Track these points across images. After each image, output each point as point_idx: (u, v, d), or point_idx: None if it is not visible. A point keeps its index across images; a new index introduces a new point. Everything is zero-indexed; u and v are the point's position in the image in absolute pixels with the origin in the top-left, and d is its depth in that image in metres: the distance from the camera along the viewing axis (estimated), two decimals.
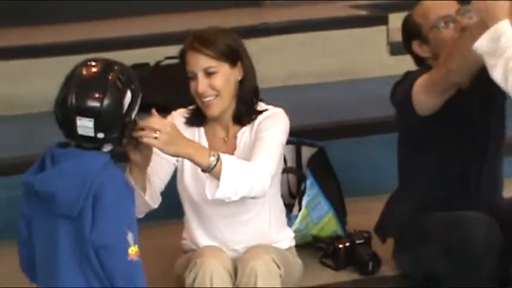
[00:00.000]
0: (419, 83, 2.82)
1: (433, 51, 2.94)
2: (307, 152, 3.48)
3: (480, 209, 2.87)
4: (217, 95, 2.74)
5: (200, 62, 2.73)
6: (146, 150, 2.55)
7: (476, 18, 2.73)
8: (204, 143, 2.86)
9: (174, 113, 2.91)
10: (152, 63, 4.65)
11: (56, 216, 2.29)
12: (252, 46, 4.95)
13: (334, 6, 5.43)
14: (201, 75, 2.73)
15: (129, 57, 4.61)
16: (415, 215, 2.98)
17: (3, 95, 4.58)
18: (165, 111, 4.16)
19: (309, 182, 3.34)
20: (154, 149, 2.59)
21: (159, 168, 2.80)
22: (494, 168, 3.00)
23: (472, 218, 2.80)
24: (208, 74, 2.73)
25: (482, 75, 2.62)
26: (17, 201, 2.46)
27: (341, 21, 5.00)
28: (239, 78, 2.79)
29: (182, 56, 2.79)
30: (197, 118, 2.85)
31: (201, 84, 2.72)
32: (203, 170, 2.57)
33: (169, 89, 4.43)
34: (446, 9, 2.92)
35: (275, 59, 4.84)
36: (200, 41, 2.74)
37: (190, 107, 2.89)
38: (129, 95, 2.34)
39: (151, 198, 2.68)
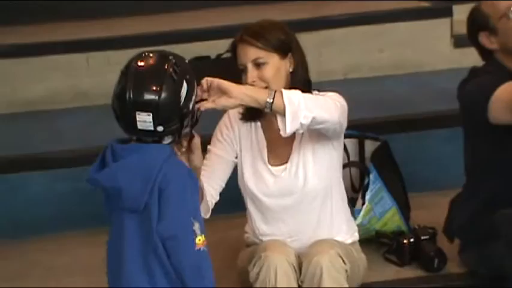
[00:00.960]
0: (502, 96, 2.71)
1: (502, 42, 2.88)
2: (370, 146, 3.44)
3: None
4: (266, 86, 2.72)
5: (249, 53, 2.72)
6: (196, 149, 2.54)
7: None
8: (261, 137, 2.85)
9: (230, 111, 2.89)
10: (213, 56, 4.65)
11: (123, 210, 2.29)
12: (313, 39, 4.98)
13: None
14: (250, 67, 2.72)
15: (190, 50, 4.65)
16: (483, 212, 2.92)
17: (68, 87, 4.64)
18: None
19: (372, 176, 3.30)
20: (212, 152, 2.65)
21: (218, 171, 2.82)
22: None
23: None
24: (258, 65, 2.72)
25: None
26: (83, 192, 2.47)
27: (404, 13, 4.93)
28: (290, 70, 2.77)
29: (233, 50, 2.78)
30: (252, 113, 2.83)
31: (251, 76, 2.71)
32: (267, 108, 2.53)
33: (231, 81, 4.43)
34: None
35: (336, 52, 4.80)
36: (249, 33, 2.74)
37: None
38: (185, 85, 2.33)
39: (203, 208, 2.68)
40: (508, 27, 2.84)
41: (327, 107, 2.62)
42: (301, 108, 2.52)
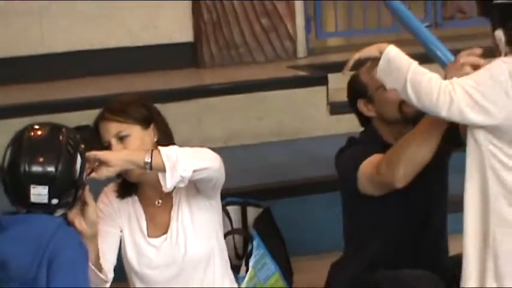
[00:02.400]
0: (365, 171, 2.83)
1: (378, 111, 2.98)
2: (252, 213, 3.47)
3: (427, 268, 2.89)
4: None
5: (111, 129, 2.72)
6: (89, 200, 2.50)
7: None
8: (139, 209, 2.84)
9: (105, 189, 2.87)
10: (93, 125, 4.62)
11: (12, 280, 2.23)
12: (193, 107, 5.03)
13: (274, 67, 5.50)
14: (114, 142, 2.71)
15: (69, 120, 4.60)
16: (363, 275, 2.99)
17: None
18: None
19: (256, 242, 3.33)
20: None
21: (106, 246, 2.77)
22: (438, 228, 3.03)
23: (417, 276, 2.82)
24: (121, 138, 2.71)
25: None
26: None
27: (282, 81, 5.06)
28: (155, 140, 2.77)
29: (97, 130, 2.78)
30: (127, 188, 2.82)
31: (115, 150, 2.69)
32: (147, 167, 2.54)
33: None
34: None
35: (215, 120, 4.86)
36: (109, 110, 2.75)
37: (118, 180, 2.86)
38: (79, 157, 2.32)
39: (105, 276, 2.65)
40: (384, 97, 2.93)
41: (206, 156, 2.65)
42: (179, 162, 2.53)
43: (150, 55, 5.50)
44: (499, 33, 2.55)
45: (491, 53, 2.64)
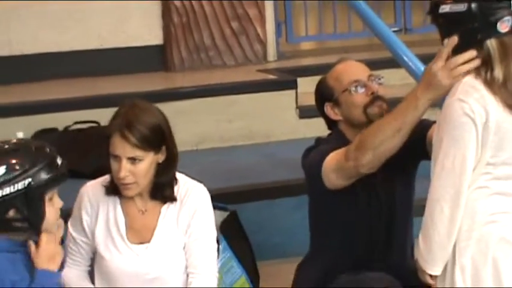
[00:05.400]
0: (330, 161, 2.86)
1: (344, 114, 3.00)
2: (219, 216, 3.47)
3: (390, 272, 2.90)
4: (135, 182, 2.73)
5: (127, 150, 2.70)
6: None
7: (383, 88, 2.87)
8: (120, 214, 2.82)
9: (86, 190, 2.86)
10: (61, 128, 4.59)
11: None
12: (163, 110, 4.99)
13: (244, 70, 5.50)
14: (125, 162, 2.70)
15: (37, 122, 4.59)
16: (323, 278, 3.00)
17: None
18: (74, 176, 4.16)
19: (222, 246, 3.33)
20: (77, 239, 2.75)
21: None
22: (402, 231, 3.04)
23: (374, 279, 2.84)
24: (133, 160, 2.71)
25: None
26: None
27: (252, 85, 5.06)
28: (160, 161, 2.77)
29: (108, 134, 2.73)
30: (115, 188, 2.81)
31: (124, 170, 2.70)
32: None
33: (79, 154, 4.39)
34: (358, 74, 2.99)
35: (185, 123, 4.84)
36: (131, 132, 2.69)
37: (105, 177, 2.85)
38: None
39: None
40: (350, 100, 2.96)
41: None
42: None
43: (119, 58, 5.48)
44: (446, 42, 2.58)
45: None
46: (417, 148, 2.83)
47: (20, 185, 2.37)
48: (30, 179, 2.38)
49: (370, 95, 2.94)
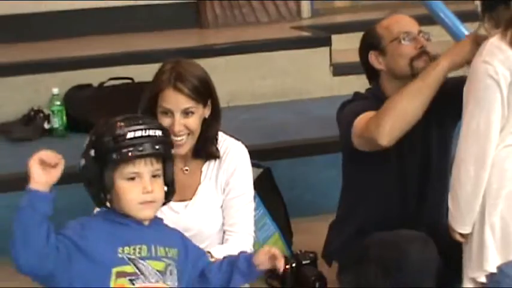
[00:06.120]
0: (358, 124, 2.84)
1: (389, 64, 2.99)
2: (253, 173, 3.48)
3: (421, 231, 2.90)
4: (189, 134, 2.74)
5: (181, 103, 2.70)
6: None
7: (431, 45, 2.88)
8: None
9: None
10: (95, 84, 4.62)
11: None
12: None
13: (277, 27, 5.47)
14: (178, 115, 2.70)
15: (72, 78, 4.62)
16: (355, 236, 3.01)
17: None
18: None
19: (255, 203, 3.33)
20: None
21: None
22: (437, 190, 3.03)
23: (406, 237, 2.83)
24: (186, 113, 2.71)
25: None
26: None
27: (285, 42, 5.03)
28: (206, 116, 2.78)
29: (157, 90, 2.72)
30: None
31: (178, 124, 2.70)
32: None
33: (113, 110, 4.39)
34: (409, 27, 3.00)
35: (218, 80, 4.75)
36: (183, 83, 2.69)
37: None
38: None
39: None
40: (397, 50, 2.96)
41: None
42: None
43: (153, 14, 5.48)
44: (477, 1, 2.56)
45: None
46: (452, 104, 2.81)
47: None
48: None
49: (418, 48, 2.94)
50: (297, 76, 4.93)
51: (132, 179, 2.32)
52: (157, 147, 2.32)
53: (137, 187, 2.32)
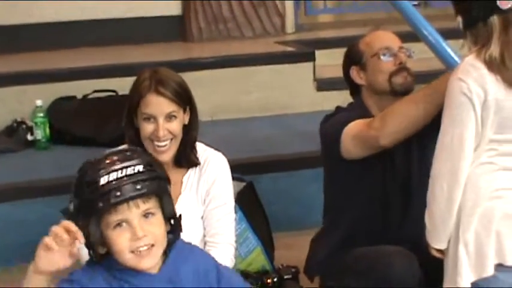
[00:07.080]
0: (350, 131, 2.87)
1: (369, 79, 3.02)
2: (235, 187, 3.47)
3: (404, 246, 2.91)
4: (172, 139, 2.74)
5: (164, 106, 2.70)
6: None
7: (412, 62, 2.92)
8: None
9: None
10: (79, 96, 4.62)
11: None
12: None
13: (262, 42, 5.49)
14: (162, 120, 2.70)
15: (56, 90, 4.61)
16: (338, 250, 3.01)
17: None
18: (92, 144, 4.19)
19: (238, 216, 3.33)
20: None
21: None
22: (420, 205, 3.03)
23: (389, 251, 2.84)
24: (169, 117, 2.72)
25: None
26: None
27: (268, 57, 5.06)
28: (185, 123, 2.79)
29: (138, 97, 2.72)
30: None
31: (162, 129, 2.70)
32: None
33: (97, 123, 4.41)
34: (390, 42, 3.02)
35: (203, 93, 4.81)
36: (165, 87, 2.70)
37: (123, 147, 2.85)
38: None
39: None
40: (377, 66, 2.99)
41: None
42: None
43: (138, 28, 5.49)
44: (459, 18, 2.57)
45: None
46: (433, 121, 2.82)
47: None
48: None
49: (397, 64, 2.97)
50: (281, 91, 4.95)
51: (119, 225, 2.02)
52: (138, 187, 2.00)
53: (125, 234, 2.01)
